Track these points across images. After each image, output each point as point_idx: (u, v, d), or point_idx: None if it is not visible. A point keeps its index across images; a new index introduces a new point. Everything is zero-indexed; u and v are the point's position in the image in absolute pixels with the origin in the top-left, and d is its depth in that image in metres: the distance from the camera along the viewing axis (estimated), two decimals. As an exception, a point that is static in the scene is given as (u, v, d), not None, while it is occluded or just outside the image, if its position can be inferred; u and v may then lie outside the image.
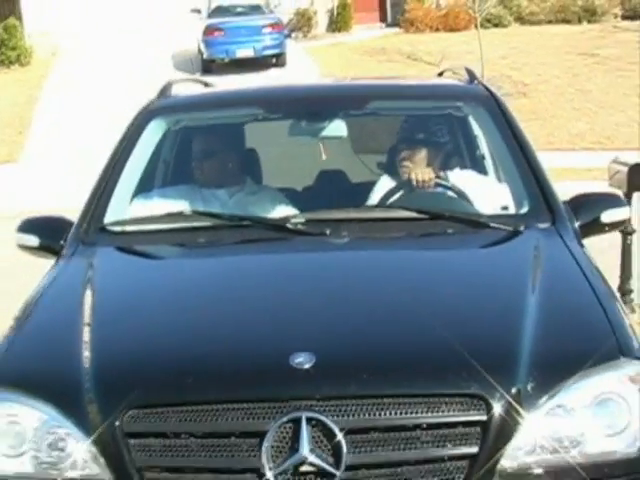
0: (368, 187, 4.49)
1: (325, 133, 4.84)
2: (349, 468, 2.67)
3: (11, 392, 2.93)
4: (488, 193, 4.26)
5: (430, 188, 4.31)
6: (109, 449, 2.76)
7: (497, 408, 2.73)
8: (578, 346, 2.97)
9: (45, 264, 4.07)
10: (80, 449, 2.80)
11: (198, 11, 24.93)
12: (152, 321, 3.27)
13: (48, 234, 4.14)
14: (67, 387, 2.91)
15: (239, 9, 25.07)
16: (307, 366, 2.78)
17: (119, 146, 4.52)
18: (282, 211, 4.21)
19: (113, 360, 3.00)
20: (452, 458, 2.72)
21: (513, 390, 2.77)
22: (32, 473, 2.84)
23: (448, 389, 2.77)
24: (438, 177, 4.36)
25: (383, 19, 30.21)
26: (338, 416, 2.71)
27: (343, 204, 4.15)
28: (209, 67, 23.83)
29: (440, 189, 4.33)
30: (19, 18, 27.10)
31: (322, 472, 2.68)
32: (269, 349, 2.94)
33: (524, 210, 4.01)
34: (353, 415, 2.72)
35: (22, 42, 26.22)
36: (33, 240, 4.14)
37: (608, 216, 4.06)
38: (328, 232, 3.79)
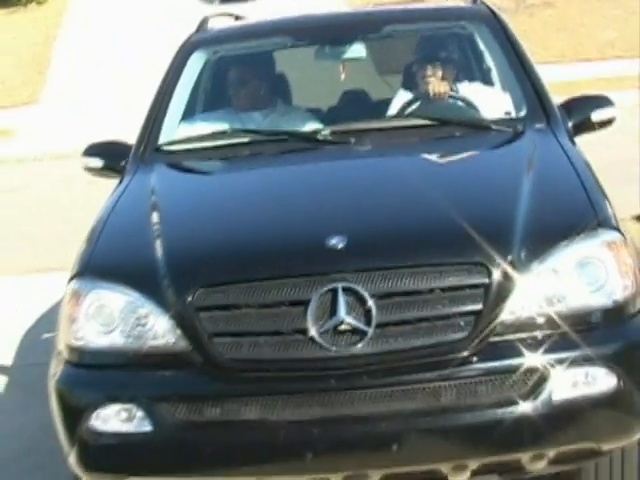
0: (388, 102, 5.11)
1: (346, 55, 5.50)
2: (378, 326, 3.27)
3: (100, 282, 3.54)
4: (493, 101, 4.91)
5: (444, 99, 4.97)
6: (184, 321, 3.37)
7: (496, 273, 3.33)
8: (563, 220, 3.61)
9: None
10: (160, 323, 3.41)
11: None
12: (211, 219, 3.96)
13: (110, 156, 4.86)
14: (146, 274, 3.53)
15: None
16: (340, 246, 3.40)
17: (166, 77, 5.17)
18: (311, 126, 4.88)
19: (183, 250, 3.64)
20: (461, 314, 3.30)
21: (509, 257, 3.36)
22: (121, 345, 3.46)
23: (455, 258, 3.38)
24: (451, 89, 5.00)
25: None
26: (367, 285, 3.30)
27: (365, 117, 4.96)
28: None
29: (452, 100, 4.98)
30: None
31: (357, 330, 3.28)
32: (309, 234, 3.63)
33: (522, 113, 4.68)
34: (380, 283, 3.31)
35: (38, -21, 25.85)
36: (98, 162, 4.89)
37: (597, 115, 4.74)
38: (352, 141, 4.52)
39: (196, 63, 5.34)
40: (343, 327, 3.29)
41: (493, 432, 3.31)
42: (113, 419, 3.44)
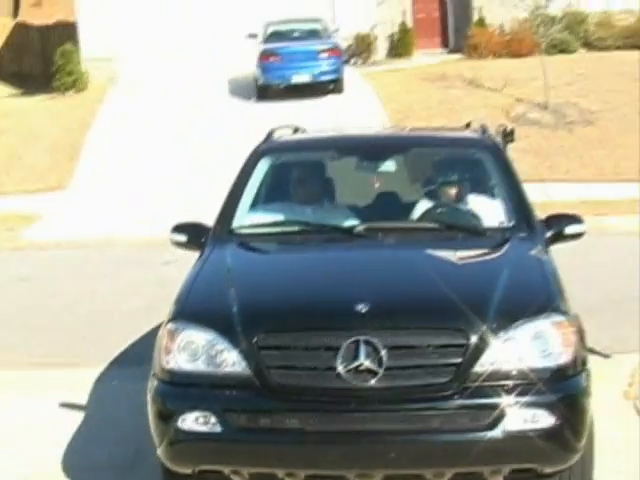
0: (412, 206, 6.66)
1: (379, 169, 7.23)
2: (387, 369, 4.73)
3: (189, 323, 5.07)
4: (492, 212, 6.40)
5: (454, 209, 6.55)
6: (249, 356, 4.87)
7: (473, 337, 4.81)
8: (525, 304, 5.02)
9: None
10: (231, 356, 4.91)
11: (255, 36, 24.32)
12: (271, 284, 5.53)
13: (193, 234, 6.38)
14: (224, 320, 5.02)
15: (296, 34, 24.44)
16: (364, 310, 4.89)
17: (239, 176, 6.75)
18: (350, 222, 6.39)
19: (251, 305, 5.15)
20: (446, 365, 4.78)
21: (483, 327, 4.83)
22: (202, 370, 4.96)
23: (444, 324, 4.90)
24: (460, 201, 6.60)
25: (445, 44, 29.52)
26: (381, 339, 4.76)
27: (392, 218, 6.53)
28: (264, 93, 23.28)
29: (460, 210, 6.53)
30: (76, 43, 26.88)
31: (371, 370, 4.72)
32: (342, 300, 5.09)
33: (511, 224, 6.22)
34: (390, 339, 4.78)
35: (78, 67, 25.99)
36: (183, 237, 6.40)
37: (570, 229, 6.33)
38: (379, 235, 6.18)
39: (263, 166, 6.87)
40: (362, 368, 4.78)
41: (465, 450, 4.72)
42: (193, 422, 4.90)
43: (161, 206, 16.52)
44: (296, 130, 7.77)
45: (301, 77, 23.02)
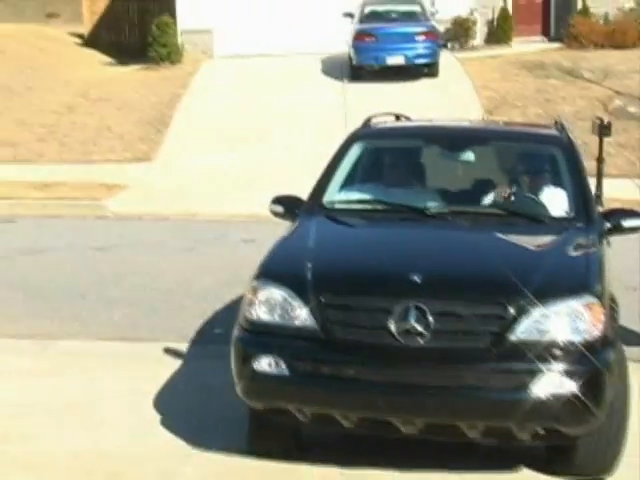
0: (486, 193, 7.28)
1: (461, 158, 7.79)
2: (433, 332, 5.48)
3: (269, 281, 5.89)
4: (559, 202, 7.05)
5: (525, 198, 7.22)
6: (317, 313, 5.66)
7: (511, 311, 5.50)
8: (562, 285, 5.71)
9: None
10: (303, 312, 5.71)
11: (351, 15, 23.97)
12: (344, 252, 6.41)
13: (289, 205, 7.20)
14: (298, 281, 5.82)
15: (393, 15, 24.00)
16: (417, 280, 5.61)
17: (334, 156, 7.58)
18: (425, 204, 6.99)
19: (323, 269, 5.93)
20: (485, 332, 5.50)
21: (521, 303, 5.50)
22: (278, 322, 5.77)
23: (487, 298, 5.61)
24: (533, 191, 7.28)
25: (546, 33, 28.76)
26: (430, 306, 5.50)
27: (466, 202, 7.23)
28: (358, 74, 22.91)
29: (529, 199, 7.19)
30: (173, 15, 26.87)
31: (419, 333, 5.47)
32: (401, 270, 5.81)
33: (571, 215, 6.89)
34: (438, 306, 5.52)
35: (174, 40, 25.92)
36: (280, 209, 7.21)
37: (627, 223, 6.91)
38: (449, 218, 6.80)
39: (357, 150, 7.68)
40: (412, 329, 5.52)
41: (496, 407, 5.44)
42: (266, 365, 5.69)
43: (245, 184, 16.37)
44: (397, 117, 8.59)
45: (396, 59, 22.59)
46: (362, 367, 5.57)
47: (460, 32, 26.74)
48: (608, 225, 6.85)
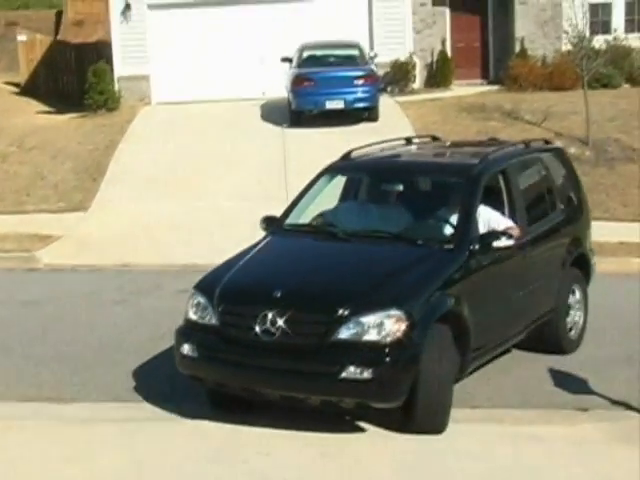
0: (399, 218, 8.91)
1: (393, 188, 9.26)
2: (282, 332, 7.64)
3: (198, 290, 8.20)
4: (444, 227, 8.72)
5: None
6: (217, 315, 7.90)
7: (334, 318, 7.55)
8: (378, 298, 7.73)
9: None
10: (211, 314, 7.96)
11: (289, 60, 23.73)
12: (254, 267, 8.45)
13: (268, 224, 9.16)
14: (213, 291, 8.02)
15: (332, 59, 23.75)
16: (277, 295, 7.71)
17: (306, 186, 9.47)
18: (343, 227, 8.89)
19: (227, 282, 8.12)
20: (316, 333, 7.59)
21: (343, 313, 7.55)
22: (198, 320, 8.06)
23: (318, 307, 7.71)
24: (435, 217, 8.98)
25: (485, 75, 28.80)
26: (280, 313, 7.64)
27: (376, 226, 8.88)
28: (298, 119, 22.63)
29: (414, 224, 8.95)
30: (109, 62, 26.50)
31: (272, 333, 7.65)
32: (270, 285, 7.89)
33: (445, 238, 8.56)
34: (285, 313, 7.64)
35: (110, 86, 25.54)
36: (264, 226, 9.17)
37: (498, 243, 8.44)
38: (351, 239, 8.65)
39: (324, 180, 9.46)
40: (267, 330, 7.62)
41: (320, 385, 7.55)
42: (187, 349, 8.06)
43: (180, 234, 15.96)
44: (435, 138, 11.19)
45: (335, 103, 22.32)
46: (239, 354, 7.74)
47: (399, 76, 26.65)
48: (477, 246, 8.35)
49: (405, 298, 7.67)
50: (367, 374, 7.34)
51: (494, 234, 8.46)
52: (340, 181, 9.70)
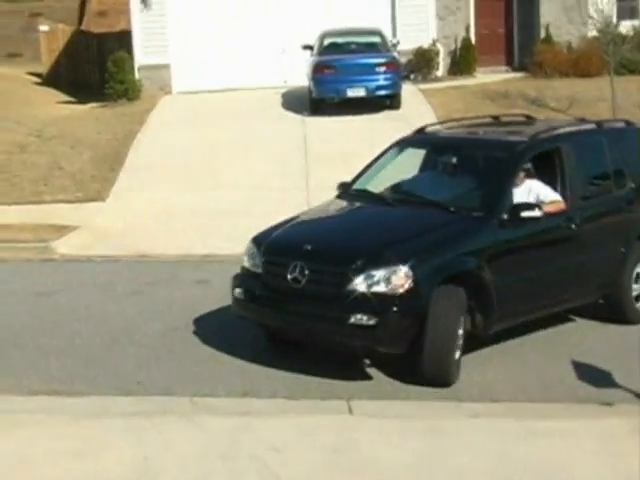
0: (447, 188, 9.70)
1: (451, 161, 9.81)
2: (307, 280, 8.67)
3: (252, 242, 9.36)
4: (479, 196, 9.51)
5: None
6: (262, 264, 9.07)
7: (351, 271, 8.42)
8: (388, 255, 8.54)
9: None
10: (259, 262, 9.11)
11: (310, 47, 23.42)
12: (300, 225, 9.61)
13: (340, 189, 10.30)
14: (262, 243, 9.19)
15: (353, 46, 23.43)
16: (307, 248, 8.84)
17: (377, 156, 10.53)
18: (393, 194, 9.91)
19: (273, 237, 9.26)
20: (335, 283, 8.53)
21: (358, 267, 8.43)
22: (250, 267, 9.25)
23: (336, 262, 8.66)
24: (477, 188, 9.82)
25: (509, 62, 28.42)
26: (307, 264, 8.68)
27: (420, 194, 9.76)
28: (319, 107, 22.35)
29: (453, 193, 9.66)
30: (130, 51, 26.32)
31: (299, 280, 8.68)
32: (304, 241, 9.02)
33: (476, 206, 9.22)
34: (311, 265, 8.68)
35: (131, 76, 25.39)
36: (338, 191, 10.28)
37: (524, 213, 9.01)
38: (393, 204, 9.62)
39: (394, 152, 10.49)
40: (296, 278, 8.60)
41: (336, 327, 8.48)
42: (238, 292, 9.25)
43: (199, 223, 15.75)
44: (528, 117, 11.92)
45: (357, 91, 22.03)
46: (274, 298, 8.83)
47: (423, 63, 26.33)
48: (505, 216, 8.97)
49: (414, 257, 8.42)
50: (372, 321, 8.21)
51: (524, 205, 9.04)
52: (411, 153, 10.63)
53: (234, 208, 16.34)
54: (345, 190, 10.16)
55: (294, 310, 8.65)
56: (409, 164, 10.54)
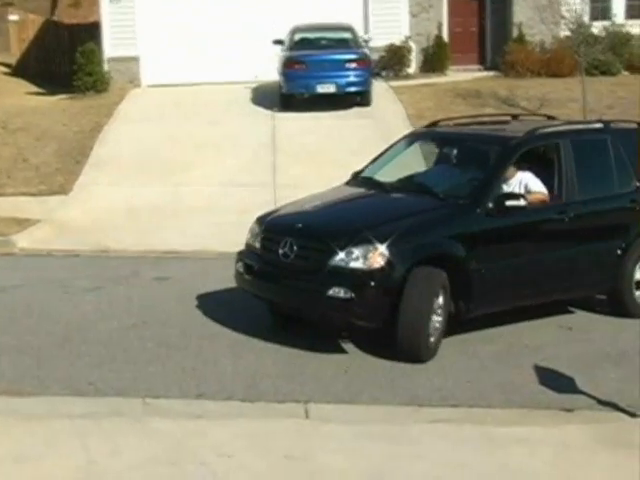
0: (442, 177, 10.27)
1: (452, 154, 10.71)
2: (295, 256, 9.28)
3: (255, 221, 10.11)
4: (467, 185, 9.93)
5: None
6: (260, 240, 9.77)
7: (331, 248, 9.00)
8: (367, 234, 8.99)
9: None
10: (258, 239, 9.81)
11: (281, 42, 23.19)
12: (299, 207, 10.19)
13: (352, 176, 10.95)
14: (262, 222, 9.95)
15: (324, 42, 23.23)
16: (297, 227, 9.51)
17: (389, 146, 11.31)
18: (392, 181, 10.44)
19: (273, 216, 10.11)
20: (318, 258, 9.14)
21: (338, 244, 8.97)
22: (251, 243, 9.94)
23: (320, 239, 9.21)
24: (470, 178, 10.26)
25: (482, 61, 28.31)
26: (295, 241, 9.28)
27: (417, 182, 10.37)
28: (289, 102, 22.15)
29: (446, 181, 10.28)
30: (98, 43, 25.98)
31: (288, 255, 9.30)
32: (296, 221, 9.65)
33: (463, 194, 9.68)
34: (299, 241, 9.26)
35: (99, 68, 25.07)
36: (350, 178, 10.92)
37: (509, 202, 9.44)
38: (389, 190, 10.24)
39: (404, 143, 11.18)
40: (286, 253, 9.24)
41: (315, 300, 9.06)
42: (239, 267, 9.92)
43: (163, 218, 15.50)
44: (549, 117, 12.30)
45: (327, 87, 21.82)
46: (267, 272, 9.45)
47: (395, 60, 26.14)
48: (491, 205, 9.37)
49: (392, 236, 8.86)
50: (348, 294, 8.73)
51: (509, 195, 9.54)
52: (419, 146, 11.32)
53: (199, 204, 16.12)
54: (354, 177, 10.80)
55: (282, 284, 9.26)
56: (417, 156, 11.35)
